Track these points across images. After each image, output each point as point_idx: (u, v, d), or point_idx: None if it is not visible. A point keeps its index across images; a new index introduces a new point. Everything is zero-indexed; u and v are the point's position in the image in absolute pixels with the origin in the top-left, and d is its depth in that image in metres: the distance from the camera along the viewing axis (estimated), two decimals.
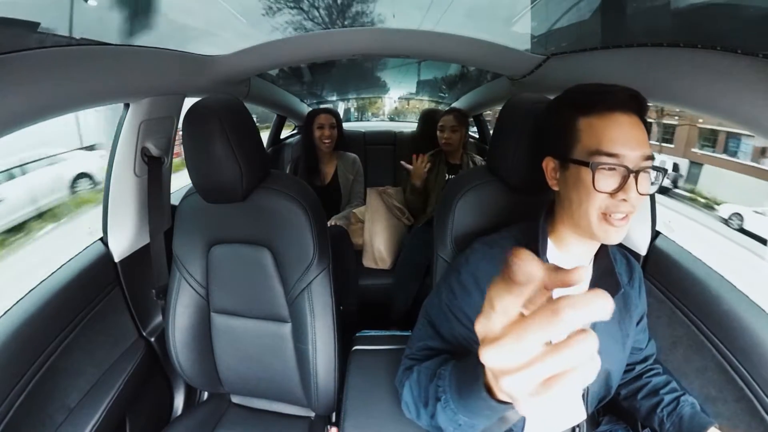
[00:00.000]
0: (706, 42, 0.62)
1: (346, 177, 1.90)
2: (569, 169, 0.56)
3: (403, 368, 0.65)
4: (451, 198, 0.85)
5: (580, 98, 0.57)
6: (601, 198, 0.53)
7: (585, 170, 0.53)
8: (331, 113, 1.84)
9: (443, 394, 0.46)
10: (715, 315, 0.76)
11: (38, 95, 0.64)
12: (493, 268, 0.62)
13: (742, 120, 0.63)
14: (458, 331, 0.61)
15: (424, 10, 1.10)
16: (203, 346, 0.97)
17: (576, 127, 0.55)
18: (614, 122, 0.53)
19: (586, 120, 0.55)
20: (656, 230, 0.97)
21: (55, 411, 0.79)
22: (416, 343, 0.65)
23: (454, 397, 0.44)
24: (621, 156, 0.52)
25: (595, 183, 0.52)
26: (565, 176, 0.58)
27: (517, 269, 0.22)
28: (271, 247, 0.89)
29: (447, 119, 1.81)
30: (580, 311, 0.20)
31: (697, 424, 0.66)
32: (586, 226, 0.56)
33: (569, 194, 0.57)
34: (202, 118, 0.77)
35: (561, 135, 0.58)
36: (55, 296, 0.82)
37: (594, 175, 0.52)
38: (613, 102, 0.53)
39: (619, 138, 0.52)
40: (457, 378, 0.44)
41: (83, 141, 4.11)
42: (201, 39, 1.07)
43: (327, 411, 0.97)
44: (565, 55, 1.04)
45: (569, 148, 0.56)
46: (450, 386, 0.45)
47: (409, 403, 0.58)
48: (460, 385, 0.43)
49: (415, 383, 0.57)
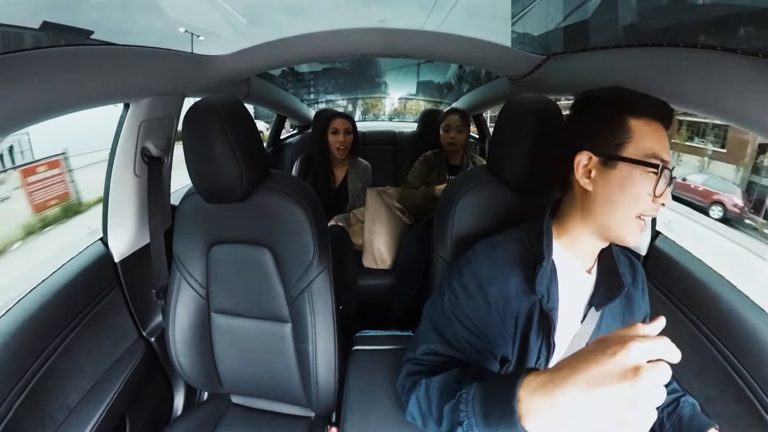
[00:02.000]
0: (706, 42, 0.62)
1: (356, 184, 1.86)
2: (615, 168, 0.55)
3: (406, 373, 0.63)
4: (452, 198, 0.85)
5: (632, 98, 0.56)
6: (648, 200, 0.54)
7: (640, 171, 0.53)
8: (347, 118, 1.77)
9: (466, 419, 0.45)
10: (715, 315, 0.76)
11: (38, 95, 0.64)
12: (496, 269, 0.61)
13: (743, 120, 0.63)
14: (462, 334, 0.61)
15: (426, 11, 1.10)
16: (203, 346, 0.97)
17: (628, 127, 0.55)
18: (659, 130, 0.55)
19: (636, 122, 0.55)
20: (656, 230, 0.97)
21: (55, 411, 0.79)
22: (419, 346, 0.64)
23: (480, 423, 0.44)
24: (668, 162, 0.54)
25: (657, 185, 0.53)
26: (607, 174, 0.56)
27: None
28: (272, 247, 0.89)
29: (453, 119, 1.78)
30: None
31: (697, 426, 0.66)
32: (617, 227, 0.56)
33: (611, 194, 0.55)
34: (202, 118, 0.77)
35: (607, 131, 0.56)
36: (55, 296, 0.82)
37: (659, 179, 0.53)
38: (660, 112, 0.56)
39: (665, 146, 0.55)
40: (484, 406, 0.44)
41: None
42: (201, 39, 1.07)
43: (327, 411, 0.97)
44: (565, 55, 1.04)
45: (619, 146, 0.55)
46: (475, 412, 0.45)
47: (415, 414, 0.58)
48: (487, 412, 0.43)
49: (423, 397, 0.56)
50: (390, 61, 2.34)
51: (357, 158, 1.91)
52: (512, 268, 0.61)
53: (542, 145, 0.72)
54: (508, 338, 0.62)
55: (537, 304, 0.60)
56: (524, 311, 0.61)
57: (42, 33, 0.67)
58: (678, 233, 0.98)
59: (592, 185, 0.57)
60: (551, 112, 0.73)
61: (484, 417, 0.43)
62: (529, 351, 0.61)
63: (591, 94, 0.61)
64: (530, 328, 0.61)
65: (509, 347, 0.63)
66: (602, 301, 0.62)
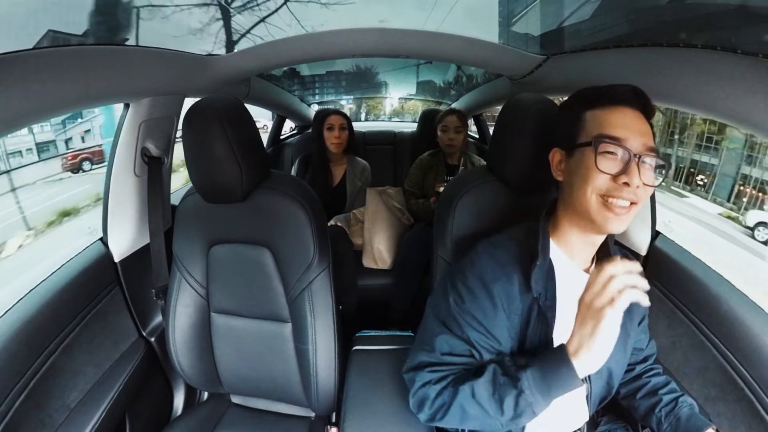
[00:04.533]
0: (706, 42, 0.62)
1: (354, 183, 1.86)
2: (573, 156, 0.59)
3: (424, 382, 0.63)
4: (452, 198, 0.85)
5: (588, 94, 0.60)
6: (603, 179, 0.54)
7: (588, 152, 0.55)
8: (341, 114, 1.80)
9: (533, 398, 0.54)
10: (715, 315, 0.76)
11: (39, 95, 0.64)
12: (499, 269, 0.62)
13: (743, 120, 0.63)
14: (471, 335, 0.62)
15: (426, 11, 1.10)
16: (203, 346, 0.97)
17: (582, 119, 0.58)
18: (617, 113, 0.56)
19: (591, 112, 0.58)
20: (656, 230, 0.97)
21: (55, 411, 0.79)
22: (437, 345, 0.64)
23: (544, 396, 0.54)
24: (623, 140, 0.54)
25: (597, 162, 0.54)
26: (569, 164, 0.60)
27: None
28: (272, 247, 0.89)
29: (451, 120, 1.78)
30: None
31: (694, 426, 0.66)
32: (585, 211, 0.57)
33: (572, 180, 0.59)
34: (202, 118, 0.77)
35: (568, 127, 0.60)
36: (55, 296, 0.82)
37: (596, 156, 0.54)
38: (616, 96, 0.56)
39: (621, 123, 0.55)
40: (546, 382, 0.54)
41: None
42: (201, 39, 1.07)
43: (327, 411, 0.97)
44: (565, 55, 1.04)
45: (575, 137, 0.59)
46: (539, 390, 0.54)
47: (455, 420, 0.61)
48: (551, 384, 0.54)
49: (470, 400, 0.58)
50: (390, 62, 2.34)
51: (355, 157, 1.91)
52: (513, 268, 0.62)
53: (542, 146, 0.72)
54: (514, 334, 0.63)
55: (535, 303, 0.61)
56: (525, 308, 0.62)
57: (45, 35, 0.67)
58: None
59: (563, 177, 0.62)
60: (551, 112, 0.73)
61: (548, 390, 0.54)
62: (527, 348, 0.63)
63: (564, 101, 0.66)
64: (529, 325, 0.62)
65: (515, 343, 0.64)
66: None
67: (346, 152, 1.86)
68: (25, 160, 5.76)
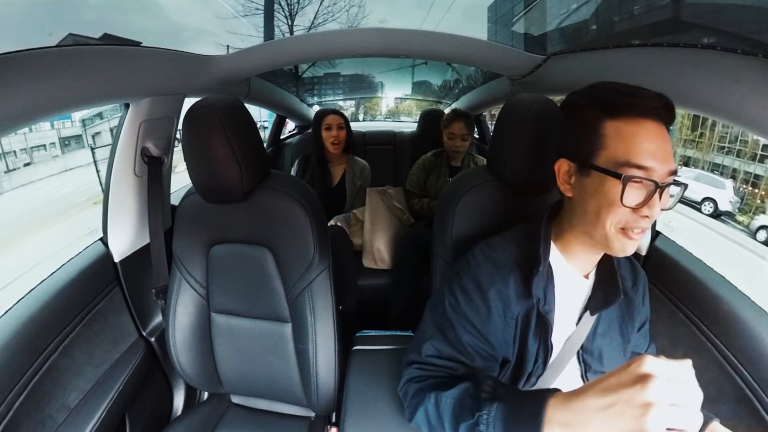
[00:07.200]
0: (706, 42, 0.62)
1: (354, 182, 1.86)
2: (590, 176, 0.52)
3: (409, 377, 0.63)
4: (452, 198, 0.85)
5: (608, 98, 0.51)
6: (624, 212, 0.49)
7: (610, 181, 0.49)
8: (338, 114, 1.80)
9: (483, 424, 0.48)
10: (715, 315, 0.76)
11: (39, 95, 0.64)
12: (495, 272, 0.61)
13: (743, 120, 0.63)
14: (464, 338, 0.61)
15: (424, 10, 1.10)
16: (203, 346, 0.97)
17: (601, 131, 0.50)
18: (644, 131, 0.48)
19: (613, 124, 0.50)
20: (656, 230, 0.97)
21: (55, 411, 0.79)
22: (423, 346, 0.63)
23: (498, 427, 0.47)
24: (650, 170, 0.48)
25: (623, 197, 0.48)
26: (583, 183, 0.53)
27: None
28: (272, 247, 0.89)
29: (459, 126, 1.73)
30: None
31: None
32: (601, 238, 0.53)
33: (586, 203, 0.53)
34: (202, 118, 0.77)
35: (582, 137, 0.52)
36: (55, 296, 0.82)
37: (624, 189, 0.48)
38: (644, 108, 0.49)
39: (650, 150, 0.48)
40: (507, 426, 0.47)
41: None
42: (201, 39, 1.07)
43: (327, 411, 0.97)
44: (565, 55, 1.04)
45: (592, 153, 0.51)
46: (496, 418, 0.48)
47: (422, 424, 0.58)
48: (508, 417, 0.47)
49: (433, 410, 0.56)
50: (385, 62, 2.35)
51: (354, 157, 1.92)
52: (510, 271, 0.61)
53: (542, 146, 0.72)
54: (509, 339, 0.62)
55: (534, 307, 0.60)
56: (523, 313, 0.61)
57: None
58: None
59: (572, 192, 0.56)
60: (551, 112, 0.73)
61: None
62: (527, 353, 0.62)
63: (570, 96, 0.57)
64: (528, 330, 0.61)
65: (510, 348, 0.63)
66: (598, 307, 0.61)
67: (345, 152, 1.86)
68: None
